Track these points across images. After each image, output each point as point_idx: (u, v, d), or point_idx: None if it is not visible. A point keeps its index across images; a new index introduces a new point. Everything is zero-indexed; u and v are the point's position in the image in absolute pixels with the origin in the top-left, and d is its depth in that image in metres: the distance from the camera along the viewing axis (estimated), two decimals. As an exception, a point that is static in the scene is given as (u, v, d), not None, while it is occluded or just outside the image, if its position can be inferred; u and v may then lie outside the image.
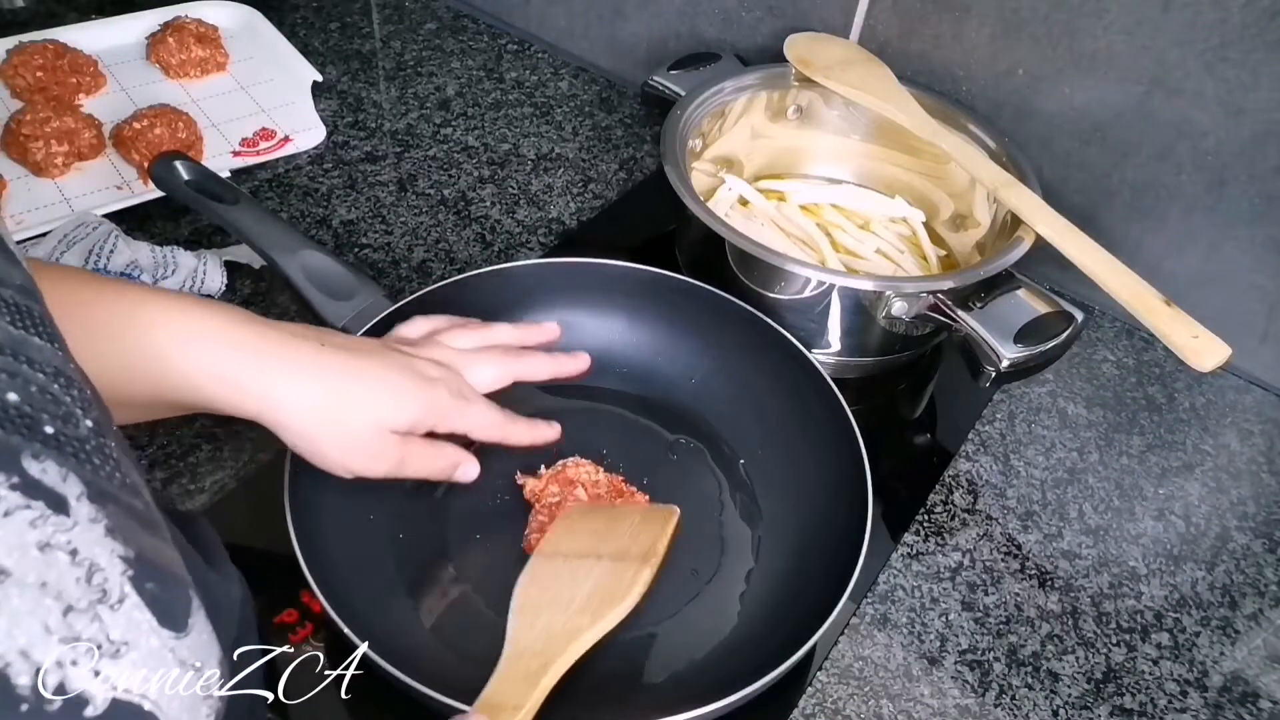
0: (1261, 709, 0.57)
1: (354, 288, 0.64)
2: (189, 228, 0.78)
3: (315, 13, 1.06)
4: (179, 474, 0.62)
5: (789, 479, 0.62)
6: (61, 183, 0.80)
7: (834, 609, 0.50)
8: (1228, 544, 0.66)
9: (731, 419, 0.66)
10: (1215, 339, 0.58)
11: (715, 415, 0.67)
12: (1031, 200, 0.67)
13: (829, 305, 0.66)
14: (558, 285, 0.69)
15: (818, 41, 0.82)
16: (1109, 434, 0.72)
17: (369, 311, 0.63)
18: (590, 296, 0.69)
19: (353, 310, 0.63)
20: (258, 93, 0.93)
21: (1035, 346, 0.60)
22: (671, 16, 0.95)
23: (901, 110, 0.76)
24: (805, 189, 0.82)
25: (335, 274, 0.64)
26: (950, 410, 0.74)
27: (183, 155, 0.70)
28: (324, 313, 0.63)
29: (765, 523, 0.61)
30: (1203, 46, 0.68)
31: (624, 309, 0.69)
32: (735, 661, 0.54)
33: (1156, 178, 0.74)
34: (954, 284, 0.63)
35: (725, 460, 0.65)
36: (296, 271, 0.63)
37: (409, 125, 0.93)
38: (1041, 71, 0.75)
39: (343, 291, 0.63)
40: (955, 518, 0.65)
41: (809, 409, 0.62)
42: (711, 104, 0.77)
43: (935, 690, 0.56)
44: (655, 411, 0.67)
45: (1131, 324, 0.80)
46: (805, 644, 0.49)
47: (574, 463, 0.62)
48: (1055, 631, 0.60)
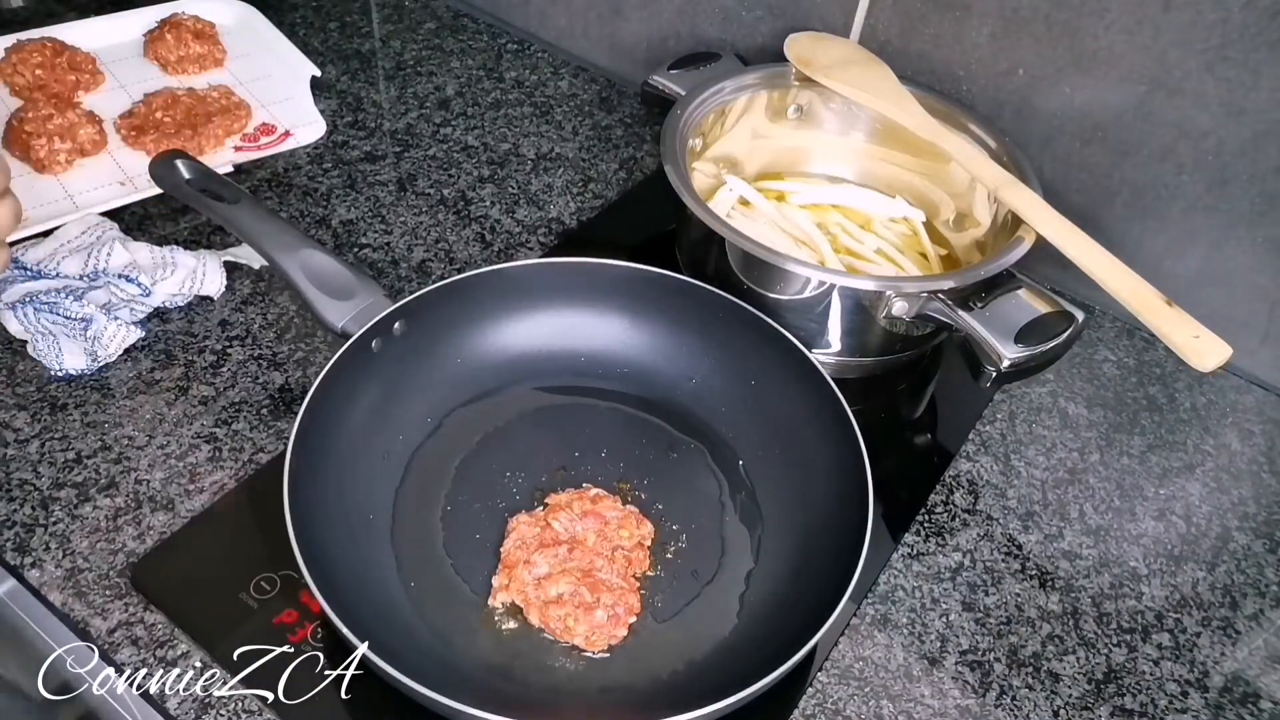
0: (1263, 710, 0.57)
1: (354, 287, 0.64)
2: (188, 228, 0.78)
3: (315, 12, 1.06)
4: (178, 474, 0.62)
5: (790, 480, 0.62)
6: (64, 179, 0.80)
7: (834, 610, 0.50)
8: (1228, 544, 0.66)
9: (732, 419, 0.66)
10: (1216, 339, 0.58)
11: (716, 416, 0.67)
12: (1032, 200, 0.67)
13: (829, 305, 0.66)
14: (558, 285, 0.68)
15: (818, 41, 0.82)
16: (1110, 434, 0.72)
17: (369, 311, 0.62)
18: (590, 296, 0.69)
19: (353, 309, 0.63)
20: (256, 88, 0.93)
21: (1036, 346, 0.60)
22: (671, 16, 0.94)
23: (902, 110, 0.76)
24: (806, 189, 0.82)
25: (335, 273, 0.64)
26: (951, 410, 0.74)
27: (183, 154, 0.70)
28: (324, 312, 0.62)
29: (765, 524, 0.61)
30: (1203, 46, 0.68)
31: (624, 309, 0.69)
32: (735, 662, 0.53)
33: (1157, 177, 0.74)
34: (954, 284, 0.63)
35: (725, 461, 0.65)
36: (296, 271, 0.63)
37: (408, 125, 0.93)
38: (1042, 71, 0.75)
39: (342, 291, 0.63)
40: (956, 518, 0.65)
41: (810, 410, 0.62)
42: (712, 104, 0.77)
43: (936, 691, 0.56)
44: (656, 411, 0.67)
45: (1132, 324, 0.80)
46: (805, 645, 0.49)
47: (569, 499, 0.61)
48: (1056, 632, 0.60)
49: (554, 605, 0.55)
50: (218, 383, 0.68)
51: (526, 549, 0.58)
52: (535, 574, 0.57)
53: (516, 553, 0.58)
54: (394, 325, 0.63)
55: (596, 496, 0.61)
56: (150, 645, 0.54)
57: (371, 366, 0.62)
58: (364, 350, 0.61)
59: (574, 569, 0.57)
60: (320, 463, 0.57)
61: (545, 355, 0.69)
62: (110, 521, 0.59)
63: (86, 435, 0.64)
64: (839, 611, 0.50)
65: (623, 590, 0.57)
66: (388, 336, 0.63)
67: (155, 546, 0.58)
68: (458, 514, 0.60)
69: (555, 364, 0.69)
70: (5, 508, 0.59)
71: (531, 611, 0.56)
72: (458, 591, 0.57)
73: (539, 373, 0.69)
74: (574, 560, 0.57)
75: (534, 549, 0.58)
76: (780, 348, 0.64)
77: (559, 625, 0.55)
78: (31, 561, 0.57)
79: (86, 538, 0.58)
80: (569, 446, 0.64)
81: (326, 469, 0.57)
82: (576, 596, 0.56)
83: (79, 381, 0.67)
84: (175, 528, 0.59)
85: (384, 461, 0.62)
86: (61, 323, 0.67)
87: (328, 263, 0.64)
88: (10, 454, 0.62)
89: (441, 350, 0.67)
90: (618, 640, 0.55)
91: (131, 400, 0.66)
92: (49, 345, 0.66)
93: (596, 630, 0.55)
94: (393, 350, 0.63)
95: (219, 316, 0.72)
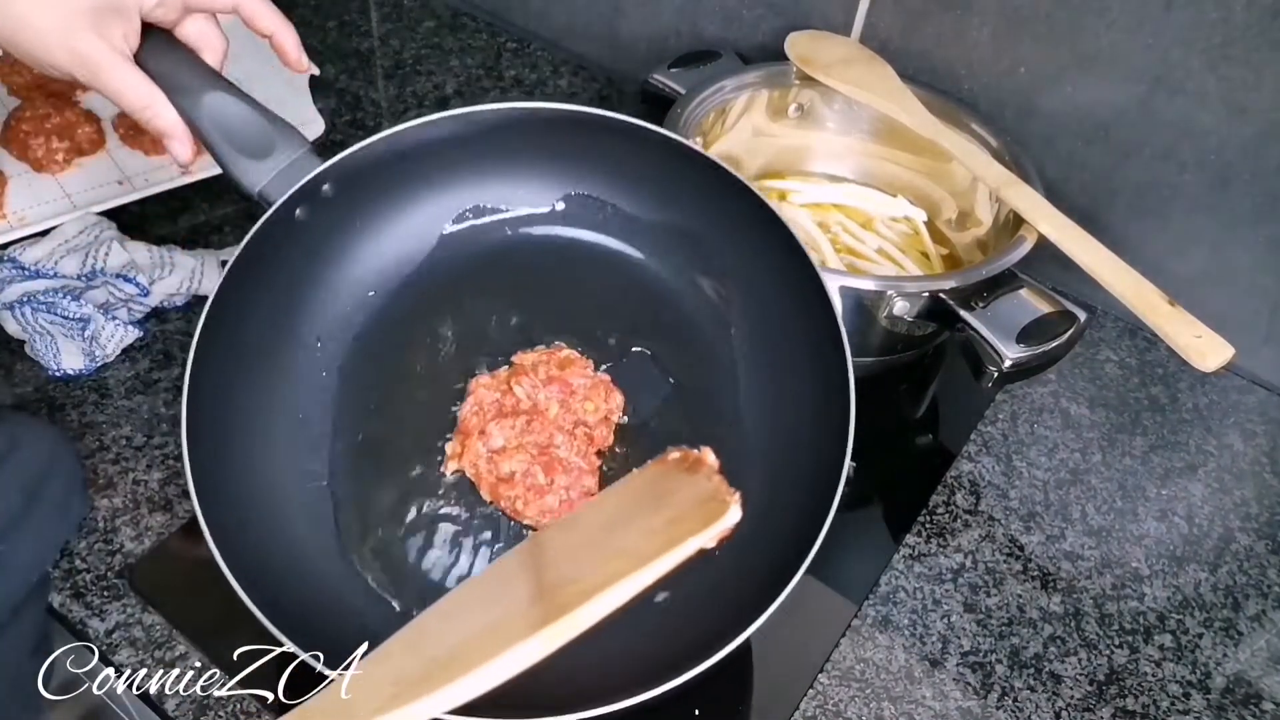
0: (1265, 711, 0.57)
1: (274, 140, 0.52)
2: (186, 228, 0.78)
3: (313, 11, 1.06)
4: (177, 474, 0.62)
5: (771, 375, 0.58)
6: (62, 179, 0.80)
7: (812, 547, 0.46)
8: (1231, 545, 0.66)
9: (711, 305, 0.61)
10: (1218, 339, 0.58)
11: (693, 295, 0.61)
12: (1034, 199, 0.67)
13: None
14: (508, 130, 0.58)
15: (819, 39, 0.82)
16: (1112, 434, 0.72)
17: (293, 171, 0.52)
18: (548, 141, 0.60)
19: (273, 169, 0.52)
20: (254, 88, 0.92)
21: (1038, 346, 0.60)
22: (671, 14, 0.94)
23: (903, 109, 0.75)
24: (807, 188, 0.81)
25: (251, 123, 0.52)
26: (952, 410, 0.74)
27: None
28: (239, 175, 0.52)
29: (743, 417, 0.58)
30: (1205, 45, 0.67)
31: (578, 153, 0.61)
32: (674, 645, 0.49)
33: (1159, 177, 0.74)
34: (956, 283, 0.63)
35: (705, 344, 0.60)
36: (204, 120, 0.52)
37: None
38: (1044, 70, 0.75)
39: (261, 147, 0.52)
40: (957, 519, 0.65)
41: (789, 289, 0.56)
42: (712, 102, 0.77)
43: (937, 692, 0.56)
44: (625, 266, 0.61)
45: (1134, 324, 0.80)
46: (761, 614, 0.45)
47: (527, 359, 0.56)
48: (1058, 633, 0.60)
49: (505, 484, 0.53)
50: (216, 383, 0.68)
51: (484, 416, 0.54)
52: (490, 445, 0.53)
53: (473, 419, 0.54)
54: (322, 188, 0.53)
55: (566, 359, 0.57)
56: (149, 646, 0.53)
57: (299, 237, 0.54)
58: (288, 219, 0.53)
59: (530, 444, 0.53)
60: (238, 356, 0.51)
61: (503, 212, 0.61)
62: (108, 522, 0.59)
63: (84, 435, 0.63)
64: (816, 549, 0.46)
65: (580, 471, 0.53)
66: (315, 201, 0.53)
67: (153, 547, 0.58)
68: (400, 397, 0.56)
69: (510, 221, 0.61)
70: (3, 508, 0.59)
71: (483, 487, 0.53)
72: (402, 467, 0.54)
73: (494, 231, 0.61)
74: (531, 434, 0.54)
75: (491, 417, 0.54)
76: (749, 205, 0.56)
77: (509, 505, 0.53)
78: (29, 562, 0.57)
79: (84, 538, 0.58)
80: (533, 306, 0.59)
81: (248, 363, 0.51)
82: (529, 477, 0.52)
83: (77, 381, 0.67)
84: (173, 528, 0.59)
85: (318, 348, 0.56)
86: (59, 322, 0.67)
87: (241, 110, 0.53)
88: (8, 454, 0.62)
89: (380, 214, 0.58)
90: None
91: (129, 400, 0.66)
92: (47, 345, 0.66)
93: (547, 514, 0.52)
94: (322, 217, 0.54)
95: (218, 316, 0.72)
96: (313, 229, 0.55)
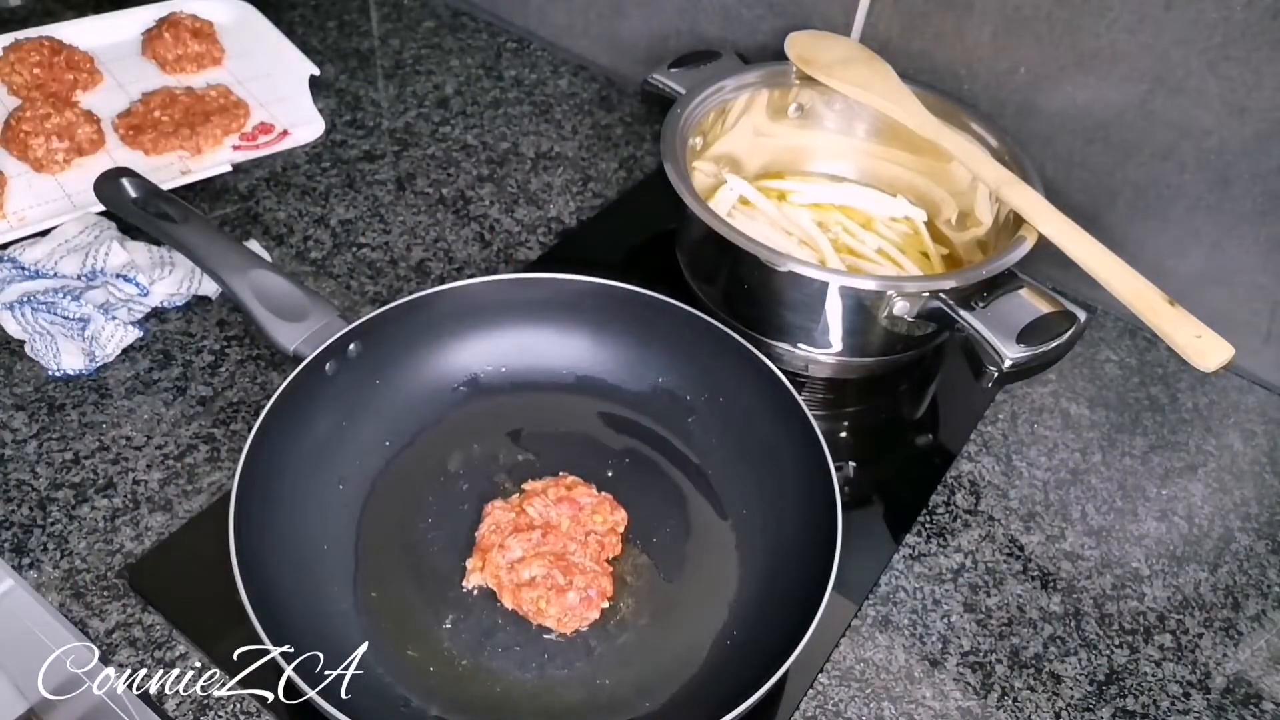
0: (1265, 711, 0.57)
1: (306, 308, 0.61)
2: (187, 226, 0.78)
3: (313, 11, 1.06)
4: (176, 474, 0.62)
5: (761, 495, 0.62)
6: (62, 179, 0.80)
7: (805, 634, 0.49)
8: (1230, 545, 0.66)
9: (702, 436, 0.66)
10: (1218, 339, 0.58)
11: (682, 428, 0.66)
12: (1034, 199, 0.67)
13: (830, 305, 0.66)
14: (517, 301, 0.67)
15: (819, 39, 0.82)
16: (1112, 434, 0.72)
17: (323, 332, 0.60)
18: (553, 312, 0.67)
19: (306, 331, 0.60)
20: (255, 87, 0.92)
21: (1038, 346, 0.60)
22: (672, 14, 0.94)
23: (903, 109, 0.75)
24: (807, 188, 0.81)
25: (287, 294, 0.61)
26: (952, 411, 0.74)
27: (130, 172, 0.68)
28: (275, 335, 0.60)
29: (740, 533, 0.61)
30: (1205, 45, 0.67)
31: (587, 323, 0.68)
32: (728, 667, 0.53)
33: (1159, 177, 0.74)
34: (956, 283, 0.63)
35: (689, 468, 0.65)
36: (245, 291, 0.61)
37: (407, 124, 0.92)
38: (1044, 70, 0.75)
39: (295, 312, 0.61)
40: (957, 519, 0.65)
41: (778, 422, 0.61)
42: (712, 102, 0.77)
43: (937, 692, 0.56)
44: (621, 427, 0.67)
45: (1134, 324, 0.80)
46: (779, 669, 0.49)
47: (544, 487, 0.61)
48: (1057, 633, 0.60)
49: (527, 588, 0.56)
50: (215, 383, 0.68)
51: (500, 533, 0.58)
52: (509, 557, 0.57)
53: (491, 536, 0.58)
54: (349, 347, 0.61)
55: (572, 483, 0.61)
56: (149, 646, 0.53)
57: (326, 390, 0.60)
58: (317, 373, 0.59)
59: (547, 553, 0.57)
60: (271, 492, 0.55)
61: (507, 372, 0.68)
62: (108, 522, 0.59)
63: (84, 435, 0.63)
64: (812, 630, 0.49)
65: (595, 573, 0.57)
66: (342, 359, 0.61)
67: (153, 547, 0.58)
68: (421, 535, 0.60)
69: (517, 379, 0.68)
70: (3, 508, 0.59)
71: (505, 594, 0.56)
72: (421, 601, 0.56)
73: (501, 389, 0.67)
74: (547, 544, 0.58)
75: (508, 533, 0.58)
76: (742, 358, 0.63)
77: (532, 607, 0.56)
78: (29, 562, 0.57)
79: (84, 538, 0.58)
80: (534, 450, 0.64)
81: (279, 498, 0.56)
82: (549, 579, 0.56)
83: (77, 381, 0.67)
84: (173, 528, 0.59)
85: (340, 489, 0.60)
86: (59, 322, 0.67)
87: (279, 283, 0.62)
88: (8, 454, 0.62)
89: (399, 372, 0.65)
90: (589, 623, 0.56)
91: (129, 400, 0.66)
92: (47, 345, 0.66)
93: (569, 612, 0.55)
94: (348, 373, 0.61)
95: (217, 316, 0.72)
96: (339, 384, 0.61)
